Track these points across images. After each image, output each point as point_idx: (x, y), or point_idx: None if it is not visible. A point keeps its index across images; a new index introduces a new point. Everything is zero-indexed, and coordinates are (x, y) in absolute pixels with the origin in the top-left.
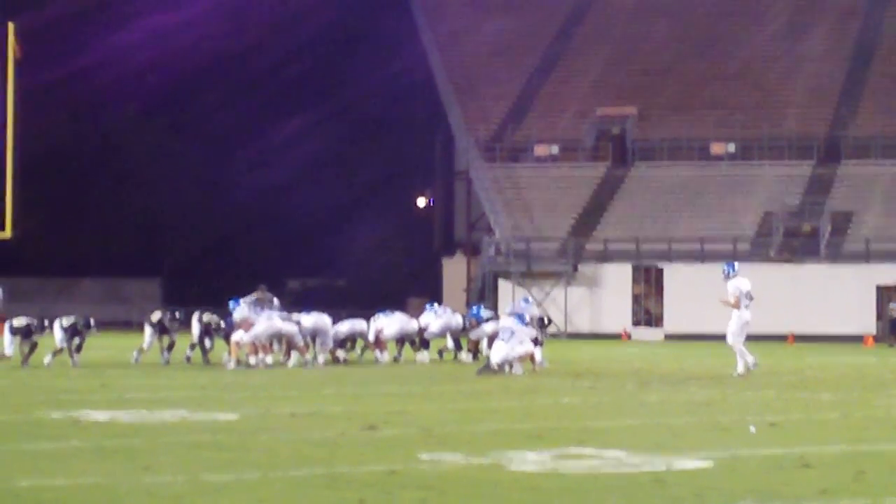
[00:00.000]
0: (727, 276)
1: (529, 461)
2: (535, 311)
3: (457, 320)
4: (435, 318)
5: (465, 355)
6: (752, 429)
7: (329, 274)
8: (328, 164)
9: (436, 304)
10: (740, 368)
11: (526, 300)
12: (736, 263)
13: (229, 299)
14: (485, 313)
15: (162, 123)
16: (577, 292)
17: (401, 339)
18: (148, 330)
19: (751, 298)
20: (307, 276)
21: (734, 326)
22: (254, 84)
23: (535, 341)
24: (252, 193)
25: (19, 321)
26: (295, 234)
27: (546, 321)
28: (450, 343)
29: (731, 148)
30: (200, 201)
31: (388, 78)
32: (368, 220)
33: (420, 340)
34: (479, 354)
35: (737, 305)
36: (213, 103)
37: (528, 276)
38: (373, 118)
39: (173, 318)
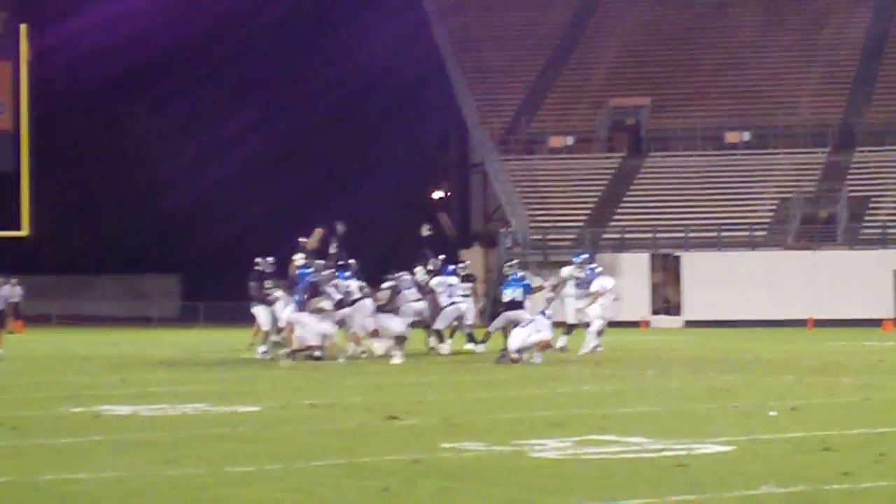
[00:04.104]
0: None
1: (551, 448)
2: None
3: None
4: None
5: (472, 346)
6: (773, 413)
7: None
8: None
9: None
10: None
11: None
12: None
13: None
14: (533, 279)
15: (173, 120)
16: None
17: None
18: (261, 311)
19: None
20: None
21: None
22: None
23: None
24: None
25: None
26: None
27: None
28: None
29: (746, 136)
30: (217, 196)
31: (402, 72)
32: (385, 214)
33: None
34: (486, 340)
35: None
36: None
37: (545, 267)
38: (386, 112)
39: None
